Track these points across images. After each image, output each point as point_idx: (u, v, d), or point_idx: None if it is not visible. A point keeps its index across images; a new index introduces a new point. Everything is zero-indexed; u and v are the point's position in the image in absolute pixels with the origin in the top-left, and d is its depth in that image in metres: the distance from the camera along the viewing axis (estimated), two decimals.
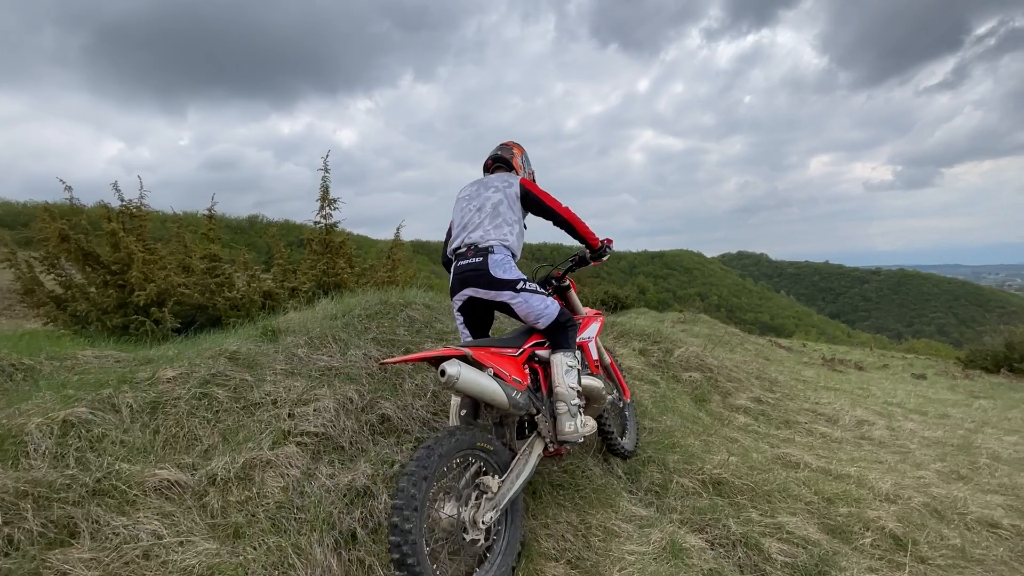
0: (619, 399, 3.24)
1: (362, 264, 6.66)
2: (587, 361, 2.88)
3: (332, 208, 6.18)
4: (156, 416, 2.35)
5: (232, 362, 2.84)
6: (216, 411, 2.49)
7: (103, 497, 1.89)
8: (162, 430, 2.30)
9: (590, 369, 2.86)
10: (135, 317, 4.77)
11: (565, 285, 2.85)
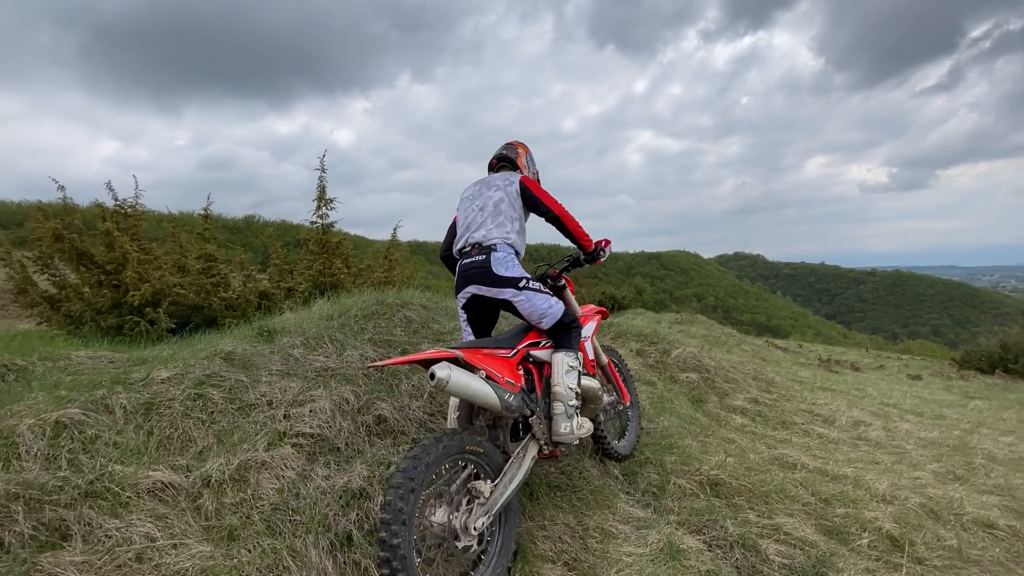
0: (617, 401, 3.23)
1: (359, 264, 6.64)
2: (583, 361, 2.87)
3: (329, 208, 6.16)
4: (150, 417, 2.32)
5: (227, 363, 2.82)
6: (211, 412, 2.47)
7: (96, 499, 1.87)
8: (156, 431, 2.28)
9: (586, 369, 2.85)
10: (130, 317, 4.75)
11: (561, 285, 2.84)
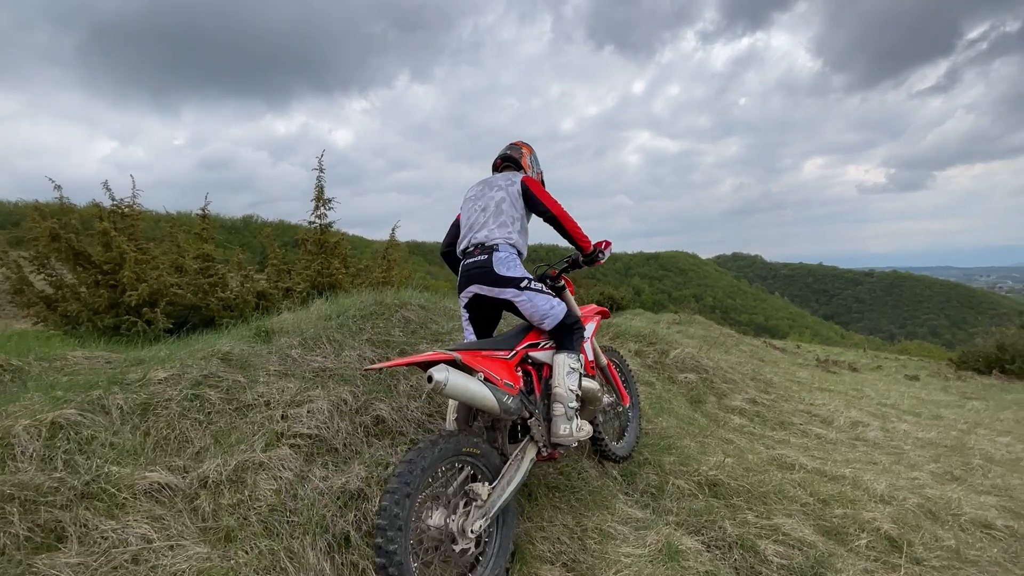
0: (616, 402, 3.23)
1: (357, 265, 6.63)
2: (583, 362, 2.86)
3: (327, 208, 6.15)
4: (147, 418, 2.31)
5: (225, 363, 2.81)
6: (208, 413, 2.46)
7: (92, 500, 1.86)
8: (153, 432, 2.27)
9: (585, 370, 2.85)
10: (127, 317, 4.73)
11: (560, 285, 2.84)
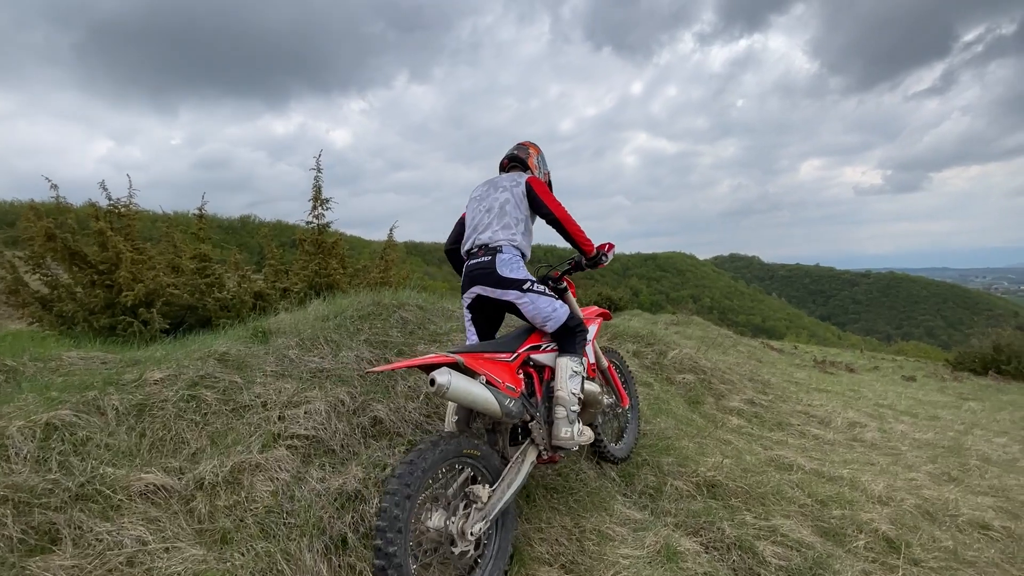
0: (616, 404, 3.22)
1: (355, 265, 6.61)
2: (586, 365, 2.86)
3: (325, 208, 6.13)
4: (142, 419, 2.30)
5: (221, 364, 2.79)
6: (204, 414, 2.44)
7: (86, 502, 1.85)
8: (148, 433, 2.25)
9: (587, 373, 2.85)
10: (123, 318, 4.70)
11: (562, 287, 2.84)
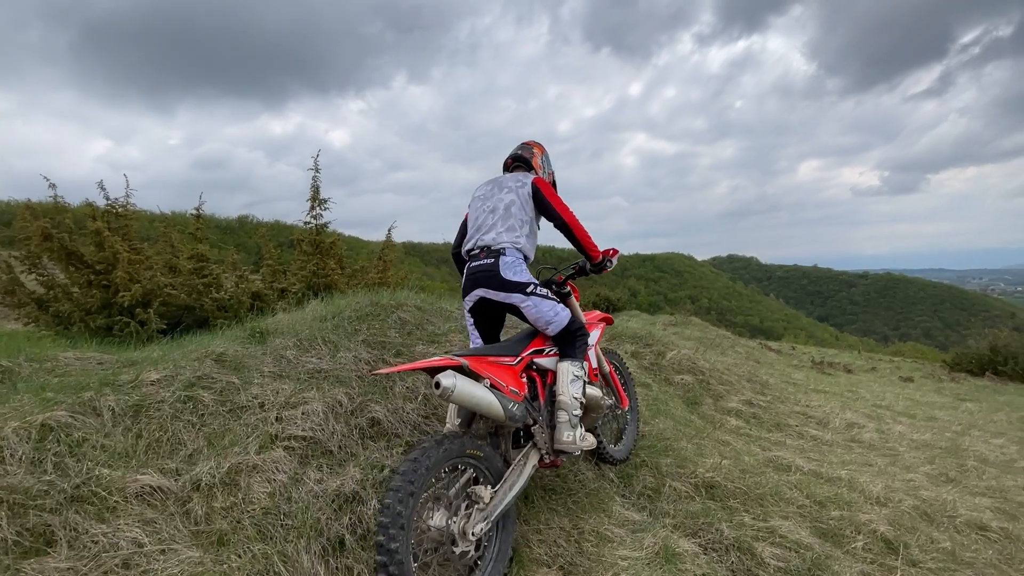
0: (615, 405, 3.22)
1: (353, 265, 6.61)
2: (587, 369, 2.86)
3: (323, 208, 6.13)
4: (139, 420, 2.28)
5: (219, 364, 2.78)
6: (201, 414, 2.43)
7: (82, 504, 1.84)
8: (145, 434, 2.24)
9: (588, 377, 2.84)
10: (119, 318, 4.69)
11: (566, 291, 2.83)
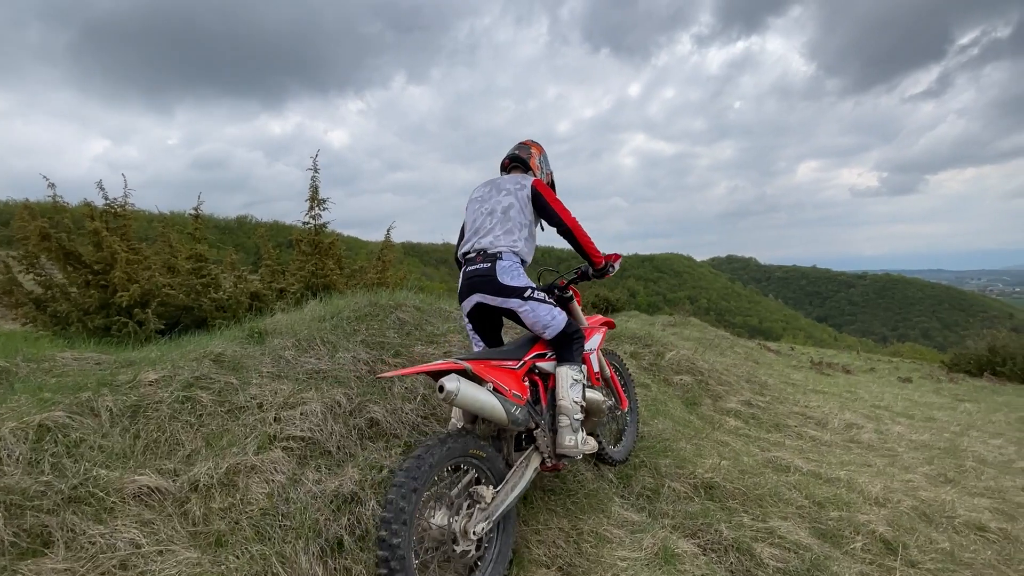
0: (615, 406, 3.23)
1: (352, 265, 6.60)
2: (588, 373, 2.85)
3: (321, 208, 6.12)
4: (137, 420, 2.28)
5: (217, 364, 2.77)
6: (199, 415, 2.42)
7: (79, 505, 1.83)
8: (143, 435, 2.23)
9: (590, 381, 2.84)
10: (117, 318, 4.67)
11: (568, 296, 2.82)
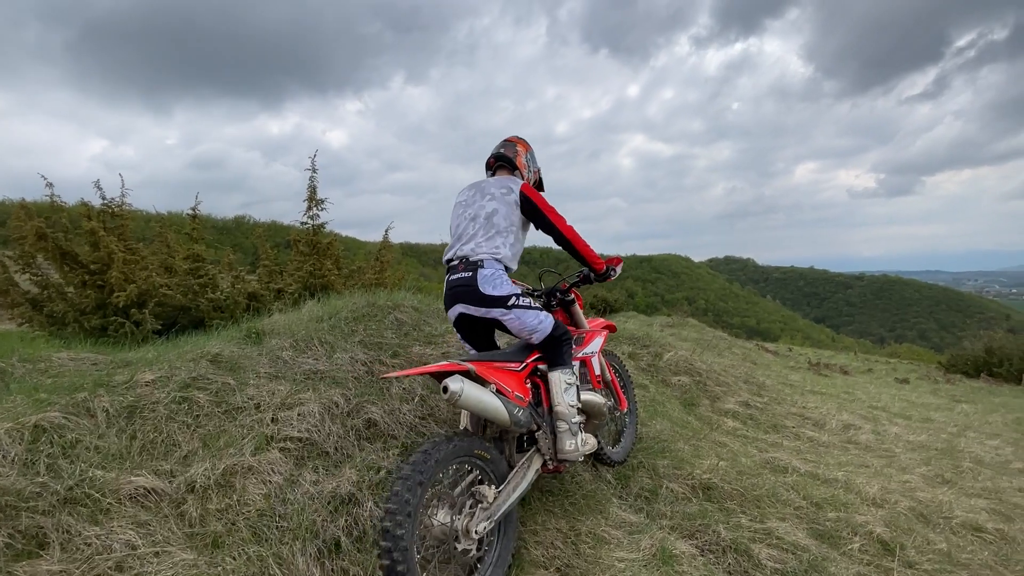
0: (614, 407, 3.23)
1: (350, 266, 6.60)
2: (589, 376, 2.84)
3: (320, 209, 6.12)
4: (133, 421, 2.27)
5: (214, 365, 2.77)
6: (196, 416, 2.41)
7: (75, 506, 1.82)
8: (139, 435, 2.22)
9: (592, 384, 2.83)
10: (114, 318, 4.66)
11: (570, 299, 2.82)
